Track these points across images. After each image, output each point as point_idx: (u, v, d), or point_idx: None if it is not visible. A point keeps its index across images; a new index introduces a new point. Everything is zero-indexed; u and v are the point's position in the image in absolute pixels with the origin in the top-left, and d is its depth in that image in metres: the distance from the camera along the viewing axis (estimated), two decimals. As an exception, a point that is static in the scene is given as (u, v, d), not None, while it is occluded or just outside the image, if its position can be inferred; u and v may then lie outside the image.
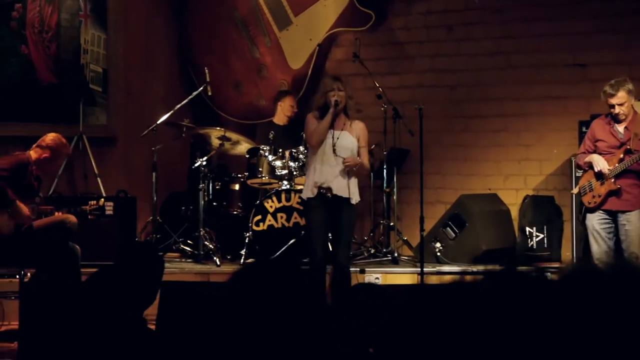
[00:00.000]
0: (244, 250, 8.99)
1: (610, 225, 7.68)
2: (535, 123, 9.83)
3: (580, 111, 9.26)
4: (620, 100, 7.55)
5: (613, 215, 7.67)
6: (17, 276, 7.73)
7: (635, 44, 9.37)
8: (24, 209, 7.45)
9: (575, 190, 8.17)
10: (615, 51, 9.45)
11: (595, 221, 7.72)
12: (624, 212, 7.61)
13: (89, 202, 8.03)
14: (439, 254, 9.24)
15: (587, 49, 9.58)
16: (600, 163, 7.64)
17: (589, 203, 7.74)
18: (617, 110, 7.57)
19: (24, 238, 7.45)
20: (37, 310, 6.47)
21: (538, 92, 9.80)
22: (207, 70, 9.82)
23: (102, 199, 8.16)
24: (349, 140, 7.45)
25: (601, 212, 7.69)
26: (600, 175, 7.66)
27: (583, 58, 9.60)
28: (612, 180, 7.59)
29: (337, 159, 7.38)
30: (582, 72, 9.58)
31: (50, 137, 7.76)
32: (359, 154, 7.52)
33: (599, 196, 7.66)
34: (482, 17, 10.08)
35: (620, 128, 7.67)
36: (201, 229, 9.24)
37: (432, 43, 10.35)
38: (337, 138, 7.39)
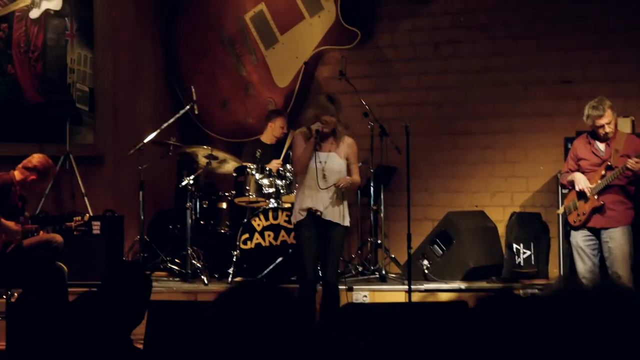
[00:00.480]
0: (232, 268, 8.97)
1: (594, 242, 7.71)
2: (522, 140, 9.85)
3: (567, 127, 9.29)
4: (609, 118, 7.59)
5: (597, 233, 7.70)
6: (4, 296, 7.70)
7: (621, 61, 9.41)
8: (10, 224, 7.42)
9: (560, 210, 8.21)
10: (601, 68, 9.49)
11: (580, 238, 7.75)
12: (607, 229, 7.64)
13: (74, 218, 7.99)
14: (426, 271, 9.23)
15: (574, 66, 9.62)
16: (582, 182, 7.68)
17: (574, 222, 7.79)
18: (607, 129, 7.61)
19: (10, 258, 7.43)
20: (24, 331, 6.44)
21: (525, 109, 9.82)
22: (193, 89, 9.82)
23: (87, 215, 8.13)
24: (337, 162, 7.45)
25: (585, 229, 7.72)
26: (582, 194, 7.70)
27: (569, 75, 9.64)
28: (596, 197, 7.62)
29: (326, 183, 7.38)
30: (569, 88, 9.61)
31: (36, 159, 7.72)
32: (349, 171, 7.52)
33: (584, 214, 7.69)
34: (468, 34, 10.11)
35: (601, 146, 7.72)
36: (189, 248, 9.22)
37: (418, 60, 10.37)
38: (325, 162, 7.39)
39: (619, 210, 7.65)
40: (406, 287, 8.26)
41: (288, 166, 9.03)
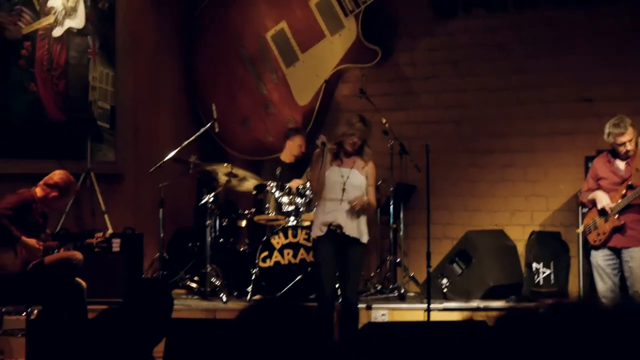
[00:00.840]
0: (251, 286, 8.98)
1: (614, 262, 7.67)
2: (542, 158, 9.83)
3: (587, 146, 9.26)
4: (630, 136, 7.58)
5: (617, 253, 7.66)
6: (24, 313, 7.74)
7: (641, 79, 9.40)
8: (31, 242, 7.46)
9: (580, 230, 8.17)
10: (621, 86, 9.46)
11: (600, 258, 7.71)
12: (627, 248, 7.61)
13: (95, 234, 8.03)
14: (445, 290, 9.21)
15: (594, 84, 9.59)
16: (604, 200, 7.65)
17: (594, 241, 7.75)
18: (628, 147, 7.58)
19: (30, 275, 7.46)
20: (43, 348, 6.46)
21: (545, 127, 9.81)
22: (214, 107, 9.85)
23: (109, 231, 8.17)
24: (359, 178, 7.48)
25: (606, 249, 7.68)
26: (603, 212, 7.66)
27: (590, 93, 9.62)
28: (616, 216, 7.59)
29: (346, 198, 7.40)
30: (589, 107, 9.59)
31: (58, 175, 7.78)
32: (366, 194, 7.55)
33: (604, 233, 7.65)
34: (487, 53, 10.12)
35: (621, 165, 7.69)
36: (208, 266, 9.23)
37: (438, 79, 10.38)
38: (348, 177, 7.42)
39: (639, 229, 7.62)
40: (425, 305, 8.24)
41: (308, 184, 9.04)
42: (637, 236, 7.61)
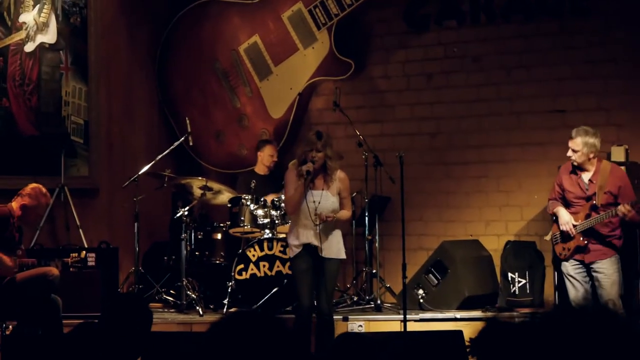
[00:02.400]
0: (227, 299, 8.97)
1: (584, 270, 7.71)
2: (516, 169, 9.88)
3: (560, 157, 9.27)
4: (575, 146, 7.60)
5: (586, 265, 7.70)
6: (-1, 329, 7.69)
7: (613, 90, 9.47)
8: (6, 260, 7.43)
9: (547, 237, 8.21)
10: (593, 97, 9.54)
11: (570, 267, 7.77)
12: (594, 262, 7.64)
13: (71, 254, 8.00)
14: (422, 300, 9.24)
15: (566, 96, 9.67)
16: (566, 225, 7.66)
17: (560, 254, 7.81)
18: (569, 153, 7.64)
19: (5, 291, 7.42)
20: (19, 363, 6.43)
21: (518, 138, 9.87)
22: (188, 121, 9.86)
23: (84, 251, 8.14)
24: (330, 201, 7.48)
25: (573, 260, 7.73)
26: (566, 234, 7.69)
27: (562, 104, 9.69)
28: (580, 237, 7.63)
29: (319, 221, 7.41)
30: (562, 118, 9.65)
31: (30, 187, 7.82)
32: (341, 205, 7.56)
33: (568, 250, 7.71)
34: (461, 65, 10.17)
35: (586, 179, 7.70)
36: (184, 279, 9.22)
37: (412, 91, 10.42)
38: (319, 202, 7.41)
39: (606, 243, 7.65)
40: (401, 316, 8.26)
41: (283, 197, 9.05)
42: (602, 249, 7.64)
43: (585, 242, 7.60)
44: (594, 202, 7.58)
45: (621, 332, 2.08)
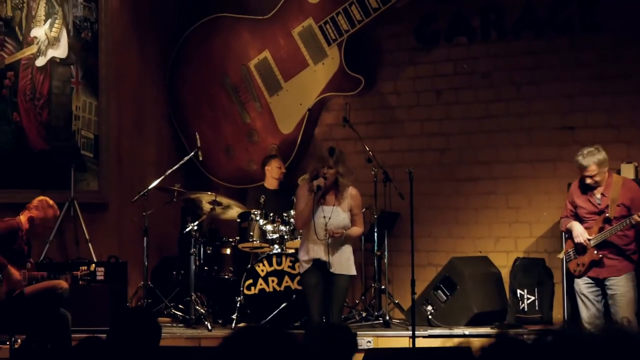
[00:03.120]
0: (236, 314, 8.96)
1: (597, 289, 7.67)
2: (525, 186, 9.87)
3: (570, 174, 9.28)
4: (591, 172, 7.58)
5: (599, 282, 7.67)
6: (8, 342, 7.69)
7: (622, 107, 9.45)
8: (15, 273, 7.44)
9: (560, 255, 8.17)
10: (602, 114, 9.53)
11: (582, 285, 7.72)
12: (608, 278, 7.61)
13: (80, 267, 8.00)
14: (430, 316, 9.22)
15: (576, 112, 9.66)
16: (580, 236, 7.65)
17: (574, 271, 7.77)
18: (588, 181, 7.62)
19: (15, 304, 7.42)
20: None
21: (527, 154, 9.86)
22: (197, 135, 9.87)
23: (93, 264, 8.12)
24: (341, 217, 7.50)
25: (586, 278, 7.70)
26: (580, 246, 7.67)
27: (571, 121, 9.68)
28: (595, 251, 7.60)
29: (330, 237, 7.42)
30: (571, 134, 9.65)
31: (37, 200, 7.82)
32: (353, 222, 7.56)
33: (583, 265, 7.67)
34: (471, 81, 10.17)
35: (598, 194, 7.68)
36: (192, 294, 9.22)
37: (421, 107, 10.42)
38: (329, 218, 7.42)
39: (620, 259, 7.62)
40: (410, 332, 8.25)
41: (292, 212, 9.05)
42: (617, 265, 7.62)
43: (600, 255, 7.58)
44: (607, 214, 7.56)
45: (636, 351, 2.06)
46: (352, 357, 4.46)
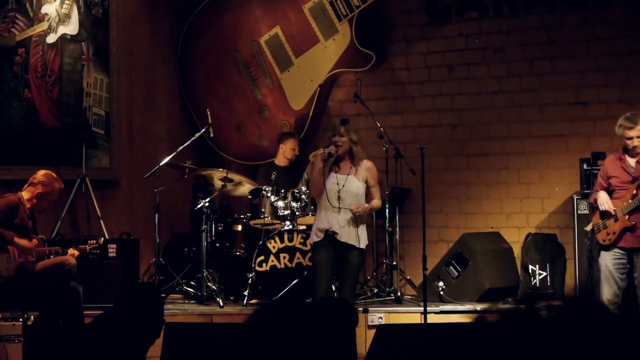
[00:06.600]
0: (247, 291, 8.98)
1: (624, 265, 7.55)
2: (537, 161, 9.85)
3: (582, 149, 9.30)
4: (638, 132, 7.48)
5: (629, 254, 7.57)
6: (20, 319, 7.72)
7: (635, 83, 9.41)
8: (24, 241, 7.46)
9: (588, 227, 7.97)
10: (615, 89, 9.49)
11: (609, 260, 7.56)
12: (638, 249, 7.51)
13: (89, 241, 8.00)
14: (442, 292, 9.23)
15: (588, 88, 9.62)
16: (605, 203, 7.55)
17: (604, 241, 7.60)
18: (635, 142, 7.49)
19: (25, 281, 7.45)
20: (40, 353, 6.46)
21: (539, 130, 9.83)
22: (209, 112, 9.86)
23: (102, 238, 8.13)
24: (355, 185, 7.47)
25: (616, 250, 7.57)
26: (605, 214, 7.58)
27: (584, 96, 9.64)
28: (627, 216, 7.49)
29: (343, 205, 7.40)
30: (583, 110, 9.62)
31: (40, 174, 7.82)
32: (369, 194, 7.54)
33: (614, 233, 7.52)
34: (483, 56, 10.14)
35: (632, 162, 7.57)
36: (204, 270, 9.24)
37: (433, 83, 10.39)
38: (343, 185, 7.42)
39: None
40: (422, 308, 8.25)
41: (303, 188, 9.05)
42: None
43: (633, 222, 7.47)
44: None
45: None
46: (354, 330, 4.44)
